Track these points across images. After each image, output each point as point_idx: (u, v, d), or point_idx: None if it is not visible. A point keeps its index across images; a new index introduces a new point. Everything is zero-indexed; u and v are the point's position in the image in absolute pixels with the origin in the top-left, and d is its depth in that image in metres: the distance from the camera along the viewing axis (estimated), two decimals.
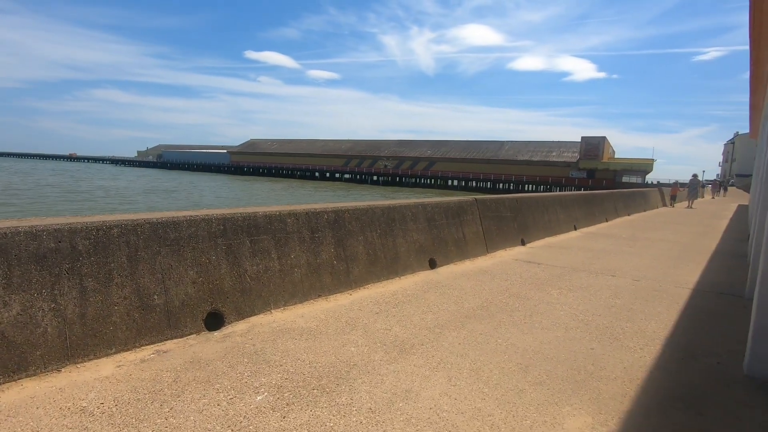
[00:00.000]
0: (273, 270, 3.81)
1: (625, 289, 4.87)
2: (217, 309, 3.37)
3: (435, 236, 5.79)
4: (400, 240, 5.22)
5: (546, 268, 5.86)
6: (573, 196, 10.78)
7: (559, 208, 9.74)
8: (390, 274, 4.96)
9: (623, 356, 2.98)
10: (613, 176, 70.76)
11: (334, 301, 4.05)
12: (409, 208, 5.50)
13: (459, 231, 6.27)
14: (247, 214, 3.73)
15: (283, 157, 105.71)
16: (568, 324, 3.61)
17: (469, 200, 6.73)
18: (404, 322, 3.54)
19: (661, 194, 21.22)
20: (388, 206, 5.21)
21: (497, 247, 7.05)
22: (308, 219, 4.23)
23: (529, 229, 8.20)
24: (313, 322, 3.48)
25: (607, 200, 13.15)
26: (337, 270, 4.37)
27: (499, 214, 7.37)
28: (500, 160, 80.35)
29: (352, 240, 4.61)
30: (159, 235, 3.14)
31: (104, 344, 2.76)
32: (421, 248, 5.50)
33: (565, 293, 4.58)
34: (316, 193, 53.58)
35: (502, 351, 3.00)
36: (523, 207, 8.20)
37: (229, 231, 3.57)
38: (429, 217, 5.80)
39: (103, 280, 2.83)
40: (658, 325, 3.67)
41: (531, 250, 7.33)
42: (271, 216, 3.92)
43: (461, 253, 6.18)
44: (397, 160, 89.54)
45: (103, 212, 24.23)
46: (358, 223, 4.74)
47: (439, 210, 6.03)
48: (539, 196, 9.12)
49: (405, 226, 5.36)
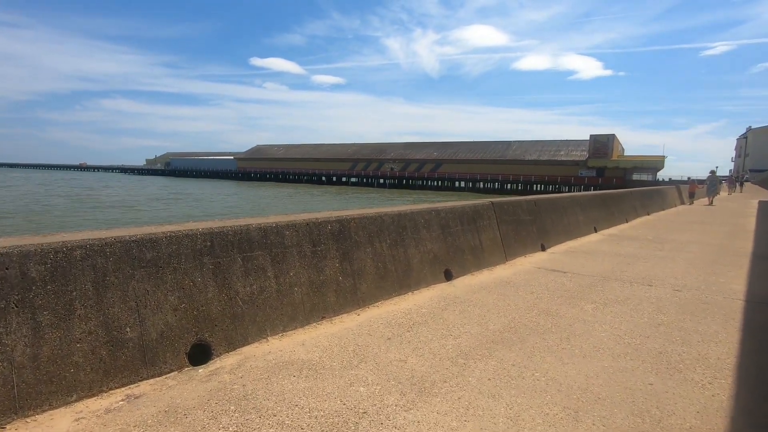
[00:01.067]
0: (269, 290, 3.33)
1: (667, 301, 4.32)
2: (203, 339, 2.89)
3: (450, 244, 5.29)
4: (412, 250, 4.72)
5: (573, 277, 5.32)
6: (591, 197, 10.21)
7: (578, 210, 9.18)
8: (402, 288, 4.46)
9: (692, 394, 2.44)
10: (623, 174, 69.63)
11: (339, 324, 3.56)
12: (421, 215, 5.00)
13: (475, 238, 5.76)
14: (238, 228, 3.26)
15: (289, 162, 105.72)
16: (614, 349, 3.08)
17: (485, 204, 6.21)
18: (421, 350, 3.04)
19: (678, 192, 20.49)
20: (399, 213, 4.71)
21: (516, 253, 6.52)
22: (309, 230, 3.75)
23: (549, 233, 7.65)
24: (316, 352, 2.99)
25: (625, 200, 12.53)
26: (343, 287, 3.88)
27: (517, 218, 6.84)
28: (508, 160, 79.52)
29: (358, 252, 4.12)
30: (132, 255, 2.67)
31: (62, 391, 2.29)
32: (435, 258, 4.99)
33: (602, 309, 4.05)
34: (323, 198, 53.24)
35: (542, 389, 2.48)
36: (542, 209, 7.66)
37: (217, 247, 3.10)
38: (443, 223, 5.29)
39: (63, 312, 2.36)
40: (720, 348, 3.13)
41: (553, 256, 6.78)
42: (267, 229, 3.44)
43: (478, 262, 5.66)
44: (403, 163, 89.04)
45: (104, 223, 23.85)
46: (366, 233, 4.25)
47: (454, 216, 5.52)
48: (557, 197, 8.58)
49: (417, 235, 4.85)
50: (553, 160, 75.79)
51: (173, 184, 77.94)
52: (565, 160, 74.55)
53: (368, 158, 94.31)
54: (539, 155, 78.21)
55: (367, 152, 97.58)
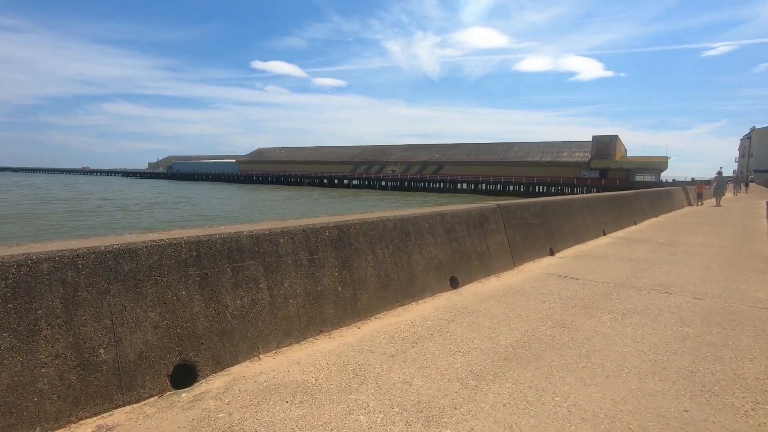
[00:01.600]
0: (262, 303, 3.07)
1: (690, 311, 4.04)
2: (188, 359, 2.63)
3: (455, 250, 5.01)
4: (416, 257, 4.45)
5: (586, 284, 5.04)
6: (600, 199, 9.92)
7: (587, 212, 8.89)
8: (405, 298, 4.19)
9: (734, 425, 2.17)
10: (626, 175, 69.22)
11: (338, 339, 3.29)
12: (425, 219, 4.73)
13: (482, 243, 5.48)
14: (227, 236, 3.00)
15: (290, 165, 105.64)
16: (640, 368, 2.80)
17: (492, 207, 5.94)
18: (428, 368, 2.77)
19: (685, 193, 20.16)
20: (401, 217, 4.45)
21: (524, 258, 6.24)
22: (306, 237, 3.49)
23: (558, 236, 7.37)
24: (311, 372, 2.72)
25: (634, 201, 12.24)
26: (342, 298, 3.61)
27: (524, 221, 6.56)
28: (509, 162, 79.19)
29: (359, 260, 3.86)
30: (108, 267, 2.41)
31: (24, 423, 2.02)
32: (440, 265, 4.72)
33: (620, 320, 3.77)
34: (324, 201, 53.01)
35: (564, 418, 2.21)
36: (549, 212, 7.38)
37: (204, 257, 2.84)
38: (448, 228, 5.02)
39: (25, 333, 2.10)
40: (756, 367, 2.85)
41: (562, 261, 6.51)
42: (259, 236, 3.18)
43: (485, 269, 5.39)
44: (405, 165, 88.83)
45: (99, 229, 23.49)
46: (367, 239, 3.99)
47: (460, 220, 5.25)
48: (565, 199, 8.30)
49: (421, 240, 4.59)
50: (556, 161, 75.43)
51: (174, 188, 77.89)
52: (568, 162, 74.17)
53: (370, 160, 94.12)
54: (541, 157, 77.85)
55: (369, 154, 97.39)
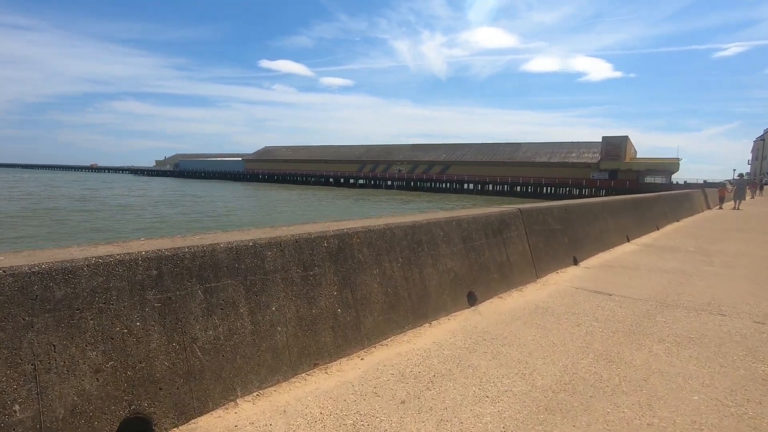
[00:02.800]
0: (241, 333, 2.48)
1: (756, 340, 3.39)
2: (141, 411, 2.04)
3: (473, 261, 4.40)
4: (429, 270, 3.85)
5: (622, 302, 4.41)
6: (622, 202, 9.25)
7: (609, 217, 8.23)
8: (417, 319, 3.58)
9: None
10: (636, 177, 68.08)
11: (337, 374, 2.69)
12: (440, 226, 4.12)
13: (502, 252, 4.86)
14: (199, 249, 2.41)
15: (297, 163, 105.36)
16: (722, 427, 2.18)
17: (512, 211, 5.32)
18: (448, 422, 2.16)
19: (704, 196, 19.37)
20: (413, 224, 3.84)
21: (547, 269, 5.62)
22: (299, 249, 2.90)
23: (581, 243, 6.73)
24: (300, 426, 2.13)
25: (655, 205, 11.54)
26: (342, 322, 3.02)
27: (547, 227, 5.93)
28: (517, 162, 78.25)
29: (363, 275, 3.26)
30: (32, 294, 1.84)
31: None
32: (456, 279, 4.11)
33: (675, 351, 3.14)
34: (330, 200, 52.49)
35: None
36: (573, 217, 6.74)
37: (167, 277, 2.25)
38: (465, 236, 4.41)
39: None
40: None
41: (588, 271, 5.87)
42: (240, 249, 2.59)
43: (506, 282, 4.77)
44: (411, 165, 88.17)
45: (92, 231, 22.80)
46: (372, 251, 3.39)
47: (477, 226, 4.63)
48: (589, 202, 7.65)
49: (435, 251, 3.98)
50: (564, 162, 74.41)
51: (178, 186, 77.79)
52: (577, 163, 73.12)
53: (376, 160, 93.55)
54: (550, 157, 76.85)
55: (375, 154, 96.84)
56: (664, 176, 69.91)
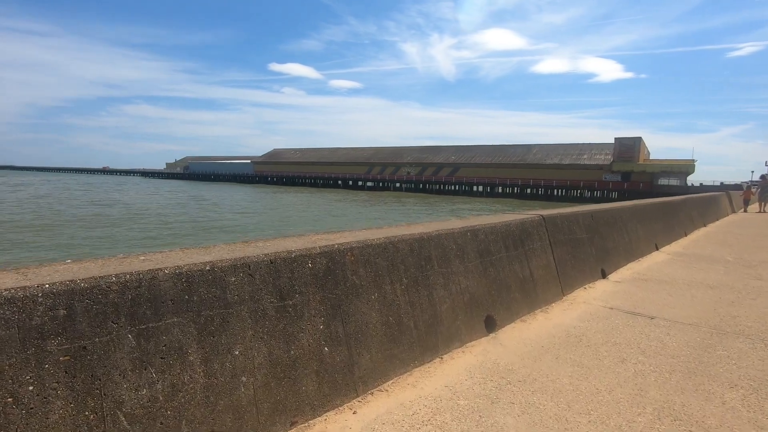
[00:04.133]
0: (190, 389, 1.86)
1: None
2: None
3: (492, 279, 3.75)
4: (439, 291, 3.20)
5: (669, 328, 3.72)
6: (650, 206, 8.50)
7: (637, 223, 7.51)
8: (425, 353, 2.94)
9: None
10: (650, 179, 66.57)
11: None
12: (452, 238, 3.47)
13: (524, 267, 4.20)
14: (132, 278, 1.79)
15: (305, 166, 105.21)
16: None
17: (535, 219, 4.64)
18: None
19: (729, 199, 18.43)
20: (421, 236, 3.20)
21: (573, 284, 4.93)
22: (274, 273, 2.27)
23: (609, 254, 6.03)
24: None
25: (682, 209, 10.75)
26: (330, 364, 2.38)
27: (572, 236, 5.25)
28: (528, 164, 77.08)
29: (358, 302, 2.63)
30: None
31: None
32: (472, 301, 3.46)
33: (756, 403, 2.45)
34: (337, 203, 51.99)
35: None
36: (600, 224, 6.05)
37: (81, 318, 1.64)
38: (482, 249, 3.75)
39: None
40: None
41: (620, 287, 5.17)
42: (193, 275, 1.97)
43: (529, 301, 4.11)
44: (420, 167, 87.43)
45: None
46: (370, 271, 2.75)
47: (496, 237, 3.97)
48: (615, 207, 6.93)
49: (447, 268, 3.33)
50: (576, 164, 73.10)
51: (187, 188, 77.94)
52: (589, 164, 71.78)
53: (384, 162, 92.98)
54: (561, 159, 75.59)
55: (384, 156, 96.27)
56: (679, 178, 68.30)
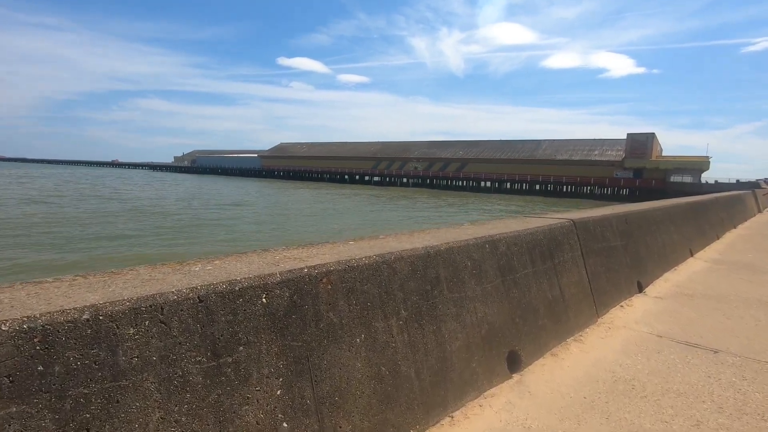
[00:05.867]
0: None
1: None
2: None
3: (516, 303, 2.96)
4: (450, 324, 2.43)
5: (740, 366, 2.91)
6: (683, 207, 7.64)
7: (671, 225, 6.67)
8: (430, 412, 2.18)
9: None
10: (663, 176, 64.99)
11: None
12: (466, 252, 2.69)
13: (554, 285, 3.41)
14: None
15: (312, 160, 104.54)
16: None
17: (565, 225, 3.84)
18: None
19: (755, 198, 17.40)
20: (426, 252, 2.42)
21: (608, 302, 4.14)
22: (204, 317, 1.51)
23: (644, 263, 5.21)
24: None
25: (711, 209, 9.85)
26: None
27: (606, 243, 4.44)
28: (537, 160, 75.71)
29: (335, 349, 1.87)
30: None
31: None
32: (491, 333, 2.69)
33: None
34: (343, 198, 51.23)
35: None
36: (634, 228, 5.23)
37: None
38: (503, 264, 2.97)
39: None
40: None
41: (662, 304, 4.37)
42: (57, 332, 1.22)
43: (560, 328, 3.32)
44: (427, 162, 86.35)
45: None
46: (354, 302, 1.99)
47: (520, 248, 3.18)
48: (648, 209, 6.10)
49: (461, 292, 2.56)
50: (587, 160, 71.64)
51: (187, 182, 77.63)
52: (600, 161, 70.30)
53: (392, 157, 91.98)
54: (571, 155, 74.15)
55: (391, 151, 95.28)
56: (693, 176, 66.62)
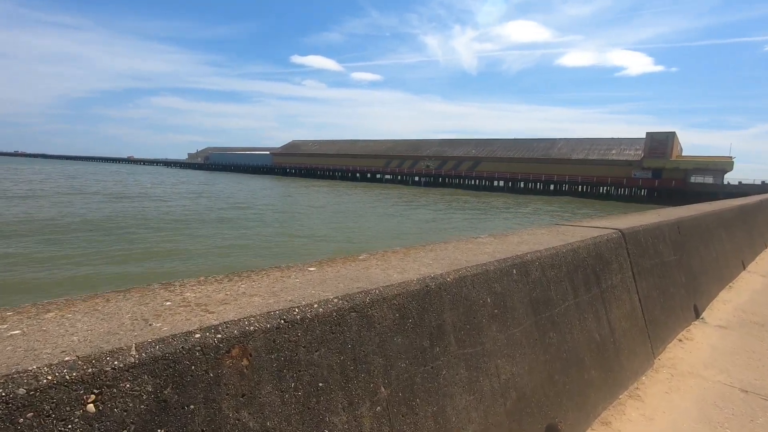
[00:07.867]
0: None
1: None
2: None
3: (554, 351, 2.09)
4: (459, 400, 1.57)
5: None
6: (733, 212, 6.63)
7: (723, 234, 5.69)
8: None
9: None
10: (683, 176, 62.84)
11: None
12: (485, 283, 1.82)
13: (601, 319, 2.52)
14: None
15: (324, 158, 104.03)
16: None
17: (612, 237, 2.94)
18: None
19: None
20: (421, 287, 1.57)
21: (664, 336, 3.23)
22: None
23: (698, 281, 4.28)
24: None
25: (758, 214, 8.78)
26: None
27: (659, 259, 3.52)
28: (552, 159, 73.95)
29: None
30: None
31: None
32: (520, 403, 1.82)
33: None
34: (352, 195, 50.45)
35: None
36: (687, 239, 4.29)
37: None
38: (536, 297, 2.09)
39: None
40: None
41: (730, 338, 3.44)
42: None
43: (610, 379, 2.43)
44: (439, 161, 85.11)
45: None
46: (292, 385, 1.15)
47: (558, 272, 2.30)
48: (700, 215, 5.13)
49: (476, 346, 1.70)
50: (604, 159, 69.71)
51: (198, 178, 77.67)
52: (617, 160, 68.31)
53: (403, 155, 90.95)
54: (587, 154, 72.26)
55: (403, 149, 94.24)
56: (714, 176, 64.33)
